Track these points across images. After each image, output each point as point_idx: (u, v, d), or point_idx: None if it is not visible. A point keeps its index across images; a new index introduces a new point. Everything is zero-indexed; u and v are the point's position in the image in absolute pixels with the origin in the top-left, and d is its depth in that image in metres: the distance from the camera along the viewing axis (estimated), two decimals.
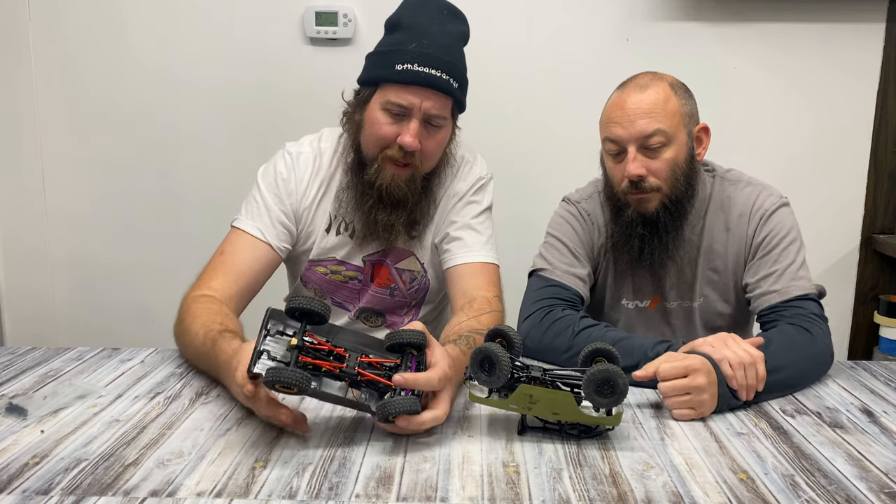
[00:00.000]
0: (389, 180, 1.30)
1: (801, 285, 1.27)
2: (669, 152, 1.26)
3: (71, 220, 2.29)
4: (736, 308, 1.38)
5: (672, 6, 2.13)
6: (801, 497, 0.81)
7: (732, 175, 1.39)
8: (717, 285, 1.37)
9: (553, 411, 0.94)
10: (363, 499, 0.80)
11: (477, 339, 1.16)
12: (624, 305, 1.42)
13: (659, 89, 1.27)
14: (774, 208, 1.32)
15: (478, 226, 1.40)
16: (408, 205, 1.34)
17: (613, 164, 1.31)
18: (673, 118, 1.26)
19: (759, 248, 1.32)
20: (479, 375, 0.94)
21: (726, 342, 1.10)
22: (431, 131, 1.30)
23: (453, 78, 1.28)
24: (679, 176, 1.28)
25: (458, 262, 1.37)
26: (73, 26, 2.17)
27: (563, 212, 1.44)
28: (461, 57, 1.32)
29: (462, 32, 1.33)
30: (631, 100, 1.26)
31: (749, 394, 1.07)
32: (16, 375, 1.18)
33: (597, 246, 1.40)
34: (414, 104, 1.26)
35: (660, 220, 1.29)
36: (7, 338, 2.36)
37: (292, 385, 0.86)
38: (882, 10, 2.11)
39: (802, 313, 1.23)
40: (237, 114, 2.20)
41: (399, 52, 1.27)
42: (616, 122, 1.27)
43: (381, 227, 1.35)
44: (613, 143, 1.28)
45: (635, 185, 1.27)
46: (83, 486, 0.82)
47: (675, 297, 1.38)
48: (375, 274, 1.45)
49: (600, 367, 0.92)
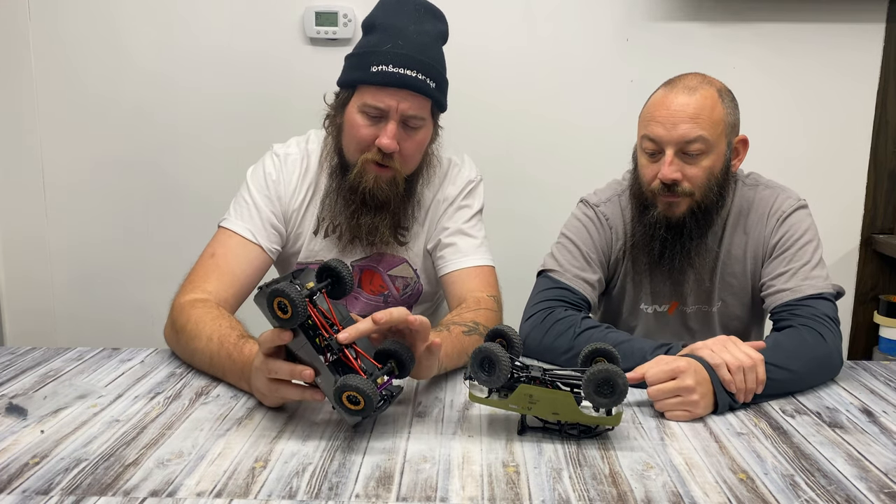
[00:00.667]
0: (372, 183, 1.30)
1: (815, 284, 1.25)
2: (708, 160, 1.24)
3: (71, 218, 2.29)
4: (753, 310, 1.37)
5: (672, 6, 2.13)
6: (800, 497, 0.81)
7: (751, 179, 1.38)
8: (735, 290, 1.36)
9: (553, 411, 0.94)
10: (363, 499, 0.80)
11: (454, 328, 1.17)
12: (643, 310, 1.41)
13: (707, 94, 1.24)
14: (791, 210, 1.31)
15: (470, 230, 1.40)
16: (391, 207, 1.33)
17: (647, 163, 1.29)
18: (716, 127, 1.24)
19: (775, 248, 1.30)
20: (479, 375, 0.94)
21: (726, 346, 1.09)
22: (410, 132, 1.29)
23: (430, 77, 1.26)
24: (713, 185, 1.26)
25: (452, 268, 1.37)
26: (73, 26, 2.17)
27: (580, 214, 1.42)
28: (439, 56, 1.30)
29: (440, 31, 1.31)
30: (677, 101, 1.23)
31: (747, 397, 1.07)
32: (16, 375, 1.18)
33: (613, 251, 1.39)
34: (390, 106, 1.25)
35: (685, 226, 1.28)
36: (6, 335, 2.36)
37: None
38: (882, 10, 2.11)
39: (813, 314, 1.20)
40: (237, 113, 2.20)
41: (374, 54, 1.25)
42: (658, 121, 1.24)
43: (365, 231, 1.34)
44: (652, 141, 1.26)
45: (668, 187, 1.25)
46: (83, 486, 0.82)
47: (693, 302, 1.38)
48: (364, 280, 1.44)
49: (600, 367, 0.92)
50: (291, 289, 0.87)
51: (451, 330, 1.17)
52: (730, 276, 1.35)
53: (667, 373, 1.03)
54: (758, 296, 1.34)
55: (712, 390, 1.04)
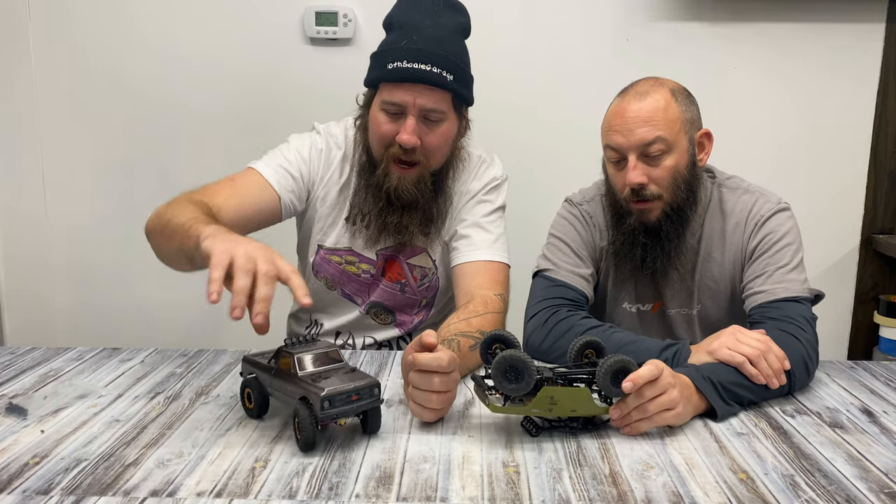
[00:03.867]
0: (396, 183, 1.31)
1: (790, 287, 1.24)
2: (670, 160, 1.26)
3: (71, 219, 2.29)
4: (734, 314, 1.37)
5: (672, 6, 2.13)
6: (801, 497, 0.81)
7: (732, 182, 1.38)
8: (714, 294, 1.36)
9: (572, 408, 0.95)
10: (363, 499, 0.80)
11: (462, 342, 1.15)
12: (625, 308, 1.41)
13: (659, 96, 1.26)
14: (770, 214, 1.31)
15: (487, 224, 1.39)
16: (419, 205, 1.34)
17: (615, 172, 1.30)
18: (673, 125, 1.25)
19: (753, 251, 1.31)
20: (503, 385, 0.92)
21: (737, 338, 1.09)
22: (431, 126, 1.30)
23: (446, 70, 1.26)
24: (680, 183, 1.27)
25: (463, 259, 1.37)
26: (73, 26, 2.17)
27: (565, 213, 1.44)
28: (458, 49, 1.30)
29: (459, 24, 1.32)
30: (631, 107, 1.25)
31: (780, 378, 1.07)
32: (16, 375, 1.18)
33: (598, 248, 1.40)
34: (407, 101, 1.26)
35: (662, 229, 1.29)
36: (6, 335, 2.36)
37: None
38: (882, 10, 2.11)
39: (786, 315, 1.20)
40: (237, 114, 2.20)
41: (391, 51, 1.27)
42: (616, 129, 1.26)
43: (393, 229, 1.36)
44: (614, 150, 1.28)
45: (636, 192, 1.26)
46: (83, 486, 0.82)
47: (675, 304, 1.38)
48: (387, 268, 1.45)
49: (615, 358, 0.95)
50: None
51: (461, 344, 1.15)
52: (709, 279, 1.35)
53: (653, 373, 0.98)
54: (738, 300, 1.34)
55: (698, 398, 1.03)
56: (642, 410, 0.97)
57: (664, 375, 0.97)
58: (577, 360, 1.03)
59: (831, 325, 2.26)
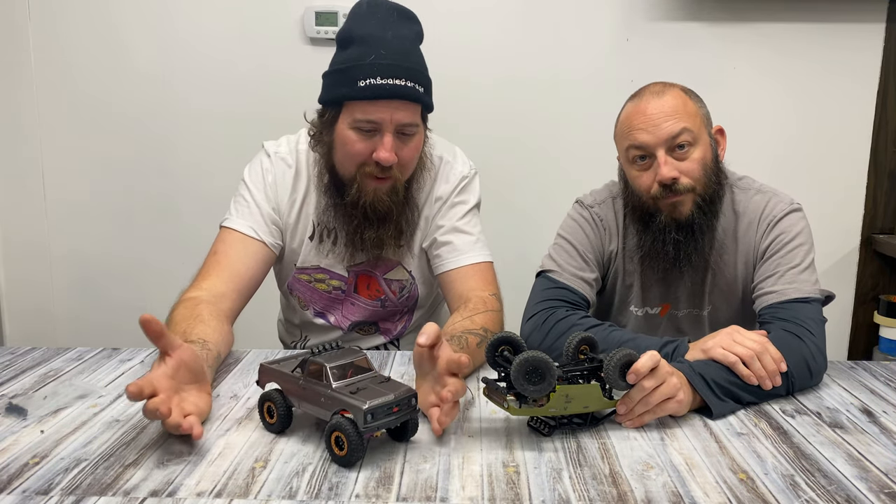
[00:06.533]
0: (372, 196, 1.29)
1: (801, 287, 1.24)
2: (697, 152, 1.26)
3: (71, 218, 2.29)
4: (744, 316, 1.37)
5: (672, 6, 2.13)
6: (801, 497, 0.81)
7: (744, 183, 1.38)
8: (725, 294, 1.36)
9: (585, 405, 0.96)
10: (363, 499, 0.80)
11: (470, 339, 1.15)
12: (632, 312, 1.41)
13: (675, 93, 1.27)
14: (783, 214, 1.31)
15: (465, 226, 1.39)
16: (393, 216, 1.32)
17: (639, 173, 1.29)
18: (694, 119, 1.26)
19: (765, 251, 1.30)
20: (524, 387, 0.91)
21: (733, 338, 1.09)
22: (405, 140, 1.28)
23: (417, 83, 1.24)
24: (710, 175, 1.28)
25: (450, 266, 1.36)
26: (73, 26, 2.18)
27: (575, 215, 1.43)
28: (420, 59, 1.28)
29: (416, 33, 1.29)
30: (651, 105, 1.26)
31: (775, 380, 1.07)
32: (16, 375, 1.18)
33: (607, 251, 1.39)
34: (384, 119, 1.23)
35: (695, 223, 1.28)
36: (6, 335, 2.36)
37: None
38: (882, 10, 2.11)
39: (795, 316, 1.19)
40: (237, 113, 2.20)
41: (359, 68, 1.22)
42: (640, 128, 1.26)
43: (369, 244, 1.34)
44: (639, 149, 1.27)
45: (668, 188, 1.25)
46: (83, 486, 0.82)
47: (685, 305, 1.38)
48: (360, 284, 1.43)
49: (623, 352, 0.96)
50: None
51: (469, 341, 1.15)
52: (721, 280, 1.35)
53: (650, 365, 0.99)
54: (749, 301, 1.34)
55: (691, 392, 1.03)
56: (645, 403, 0.98)
57: (662, 365, 0.98)
58: (574, 358, 1.03)
59: (831, 325, 2.22)
